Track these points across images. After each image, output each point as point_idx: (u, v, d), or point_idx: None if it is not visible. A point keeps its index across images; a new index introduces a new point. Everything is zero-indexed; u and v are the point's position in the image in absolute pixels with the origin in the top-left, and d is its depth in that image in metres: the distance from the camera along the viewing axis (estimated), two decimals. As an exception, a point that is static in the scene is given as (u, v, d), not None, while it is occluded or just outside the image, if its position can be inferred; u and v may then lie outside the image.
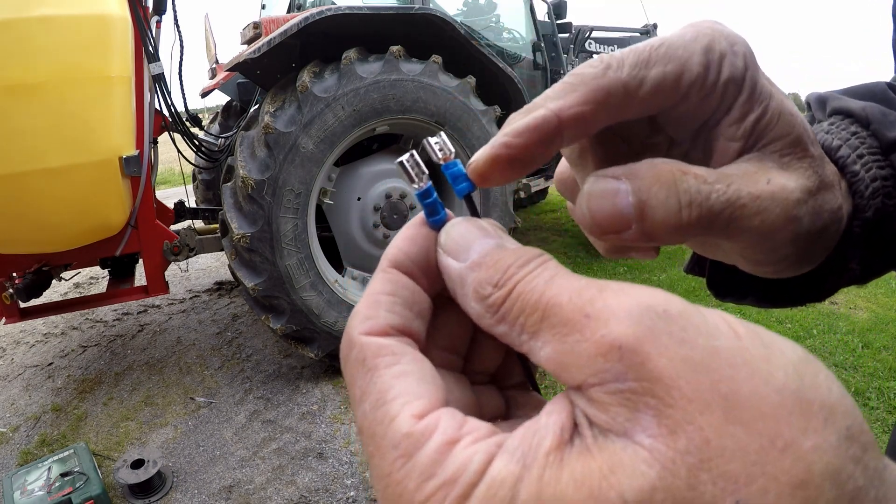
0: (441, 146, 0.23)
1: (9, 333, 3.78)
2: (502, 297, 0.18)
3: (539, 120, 0.22)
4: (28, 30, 1.99)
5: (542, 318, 0.17)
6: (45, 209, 2.21)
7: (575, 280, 0.17)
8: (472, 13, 4.27)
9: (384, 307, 0.20)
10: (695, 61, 0.24)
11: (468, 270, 0.20)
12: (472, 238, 0.21)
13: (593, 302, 0.16)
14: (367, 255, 3.09)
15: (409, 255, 0.22)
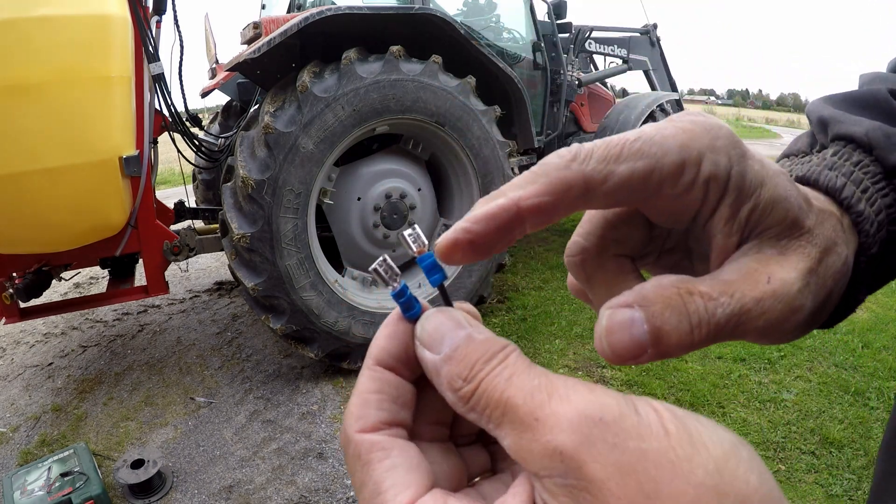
0: (415, 238, 0.25)
1: (9, 333, 3.78)
2: (470, 391, 0.21)
3: (498, 209, 0.24)
4: (28, 30, 1.98)
5: (503, 413, 0.20)
6: (45, 209, 2.21)
7: (529, 380, 0.20)
8: (472, 13, 4.27)
9: (373, 405, 0.23)
10: (668, 160, 0.24)
11: (441, 363, 0.22)
12: (444, 331, 0.23)
13: (542, 407, 0.19)
14: (367, 255, 3.09)
15: (389, 352, 0.25)
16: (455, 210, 3.34)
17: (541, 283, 4.24)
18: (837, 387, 2.69)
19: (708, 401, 2.61)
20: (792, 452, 2.25)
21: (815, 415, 2.48)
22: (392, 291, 0.25)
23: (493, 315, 3.67)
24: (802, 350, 3.08)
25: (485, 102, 3.16)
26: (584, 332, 3.37)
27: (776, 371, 2.87)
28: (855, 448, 2.25)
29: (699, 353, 3.07)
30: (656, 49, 5.70)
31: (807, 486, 2.06)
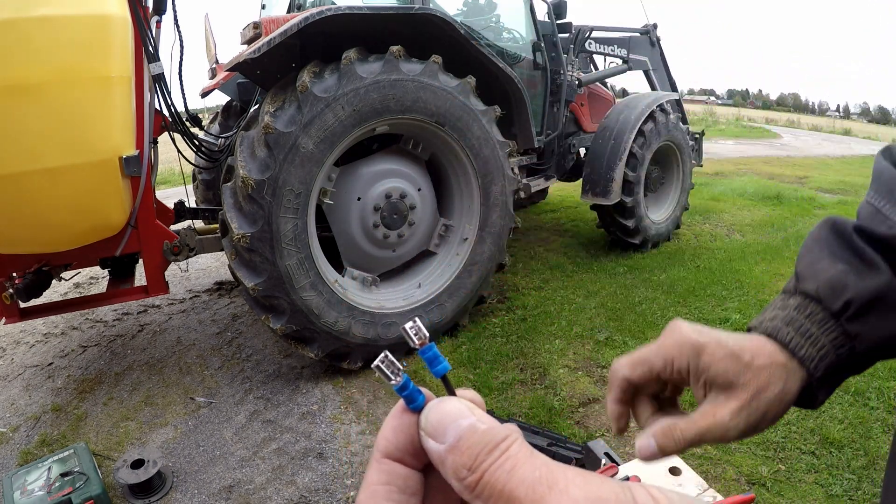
0: (416, 331, 0.27)
1: (9, 333, 3.78)
2: (475, 481, 0.22)
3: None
4: (28, 30, 1.98)
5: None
6: (45, 209, 2.21)
7: (530, 471, 0.22)
8: (472, 13, 4.27)
9: (381, 496, 0.26)
10: (657, 363, 0.52)
11: (446, 453, 0.24)
12: (447, 421, 0.25)
13: (543, 499, 0.20)
14: (367, 255, 3.09)
15: (395, 445, 0.26)
16: (455, 210, 3.35)
17: (541, 283, 4.24)
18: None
19: (708, 401, 2.61)
20: (792, 452, 2.25)
21: (815, 415, 2.48)
22: (395, 386, 0.26)
23: (493, 315, 3.67)
24: (802, 350, 3.08)
25: (485, 102, 3.16)
26: (584, 333, 3.37)
27: (776, 371, 2.87)
28: (855, 448, 2.25)
29: (699, 353, 3.06)
30: (656, 49, 5.70)
31: (807, 486, 2.06)
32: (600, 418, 2.55)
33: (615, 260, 4.66)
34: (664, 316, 3.51)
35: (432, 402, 0.26)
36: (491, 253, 3.34)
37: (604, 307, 3.73)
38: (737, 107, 59.51)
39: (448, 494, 0.27)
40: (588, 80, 4.99)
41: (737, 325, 3.37)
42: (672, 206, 5.10)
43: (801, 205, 6.70)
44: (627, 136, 4.35)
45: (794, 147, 15.20)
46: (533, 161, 4.51)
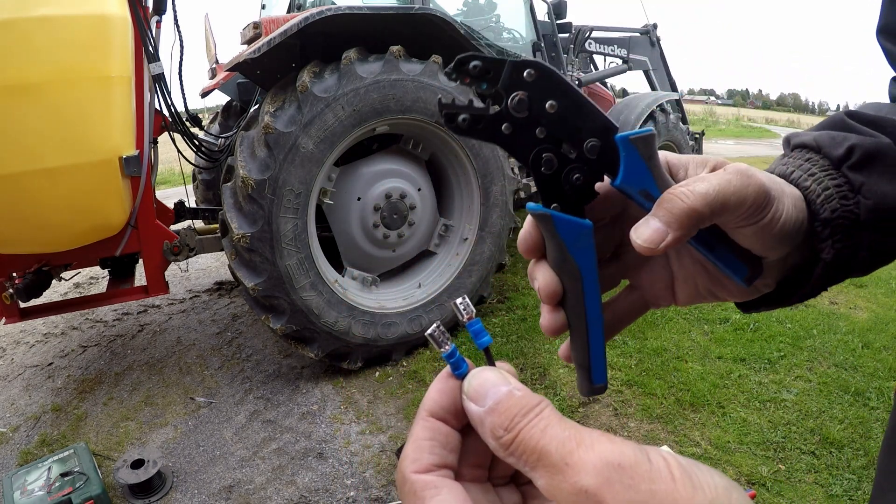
0: (465, 307, 0.30)
1: (9, 333, 3.78)
2: (510, 439, 0.25)
3: None
4: (28, 30, 1.98)
5: (538, 459, 0.24)
6: (45, 209, 2.21)
7: (560, 431, 0.24)
8: (472, 13, 4.26)
9: (426, 450, 0.28)
10: None
11: (486, 415, 0.27)
12: (488, 387, 0.27)
13: (571, 454, 0.23)
14: (367, 255, 3.09)
15: (440, 405, 0.29)
16: (455, 210, 3.35)
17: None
18: (837, 387, 2.69)
19: (708, 401, 2.61)
20: (792, 452, 2.25)
21: (815, 415, 2.48)
22: (444, 353, 0.29)
23: (493, 315, 3.67)
24: (802, 350, 3.08)
25: (485, 102, 3.16)
26: (584, 332, 3.38)
27: (776, 371, 2.87)
28: (855, 448, 2.25)
29: (699, 353, 3.07)
30: (656, 49, 5.70)
31: (807, 486, 2.06)
32: (600, 418, 2.55)
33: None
34: (664, 316, 3.51)
35: (475, 370, 0.29)
36: (491, 253, 3.34)
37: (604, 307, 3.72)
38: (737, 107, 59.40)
39: (481, 455, 0.30)
40: (588, 80, 4.99)
41: (737, 325, 3.37)
42: (672, 206, 5.09)
43: (801, 205, 6.69)
44: (627, 136, 4.35)
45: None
46: (533, 161, 4.51)
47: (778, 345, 3.12)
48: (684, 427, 2.44)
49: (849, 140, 0.43)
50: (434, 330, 0.29)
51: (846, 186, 0.42)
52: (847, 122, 0.46)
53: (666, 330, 3.34)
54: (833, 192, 0.42)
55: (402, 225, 3.08)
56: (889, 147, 0.43)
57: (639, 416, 2.53)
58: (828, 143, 0.44)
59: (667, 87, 5.75)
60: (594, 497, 0.22)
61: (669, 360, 3.01)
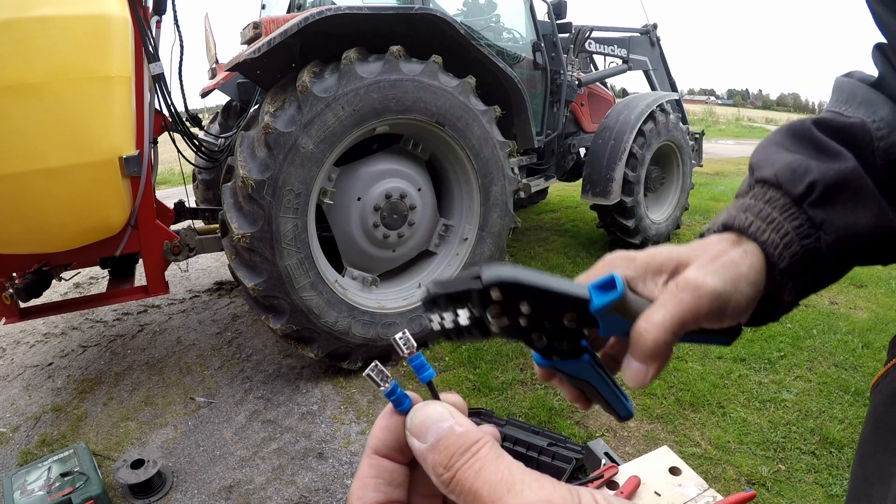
0: (406, 342, 0.31)
1: (9, 333, 3.78)
2: (449, 478, 0.26)
3: None
4: (28, 30, 1.98)
5: (473, 500, 0.24)
6: (45, 209, 2.21)
7: (494, 473, 0.25)
8: (472, 13, 4.26)
9: (370, 488, 0.28)
10: None
11: (427, 452, 0.27)
12: (429, 423, 0.28)
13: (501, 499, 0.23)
14: (367, 255, 3.09)
15: (384, 442, 0.29)
16: (455, 210, 3.35)
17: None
18: (837, 387, 2.69)
19: (708, 401, 2.61)
20: (792, 452, 2.25)
21: (815, 415, 2.48)
22: (384, 391, 0.30)
23: (493, 315, 3.66)
24: (802, 350, 3.08)
25: (485, 102, 3.16)
26: (584, 332, 3.38)
27: (776, 371, 2.87)
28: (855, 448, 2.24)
29: (699, 353, 3.07)
30: (656, 49, 5.70)
31: (807, 486, 2.06)
32: (600, 418, 2.55)
33: (615, 260, 4.65)
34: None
35: (417, 405, 0.29)
36: (491, 253, 3.34)
37: (604, 307, 3.72)
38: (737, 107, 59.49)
39: (431, 487, 0.30)
40: (588, 80, 4.99)
41: (737, 325, 3.37)
42: (672, 207, 5.10)
43: (801, 205, 6.69)
44: (627, 136, 4.35)
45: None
46: (533, 161, 4.51)
47: (778, 345, 3.12)
48: (684, 427, 2.44)
49: (809, 174, 0.43)
50: (372, 369, 0.30)
51: (807, 224, 0.42)
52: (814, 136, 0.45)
53: (666, 330, 3.33)
54: (793, 237, 0.42)
55: (402, 225, 3.08)
56: (853, 172, 0.43)
57: (639, 416, 2.53)
58: (788, 179, 0.44)
59: (667, 87, 5.75)
60: None
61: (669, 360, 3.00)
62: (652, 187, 4.94)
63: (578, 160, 5.00)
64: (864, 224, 0.43)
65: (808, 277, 0.43)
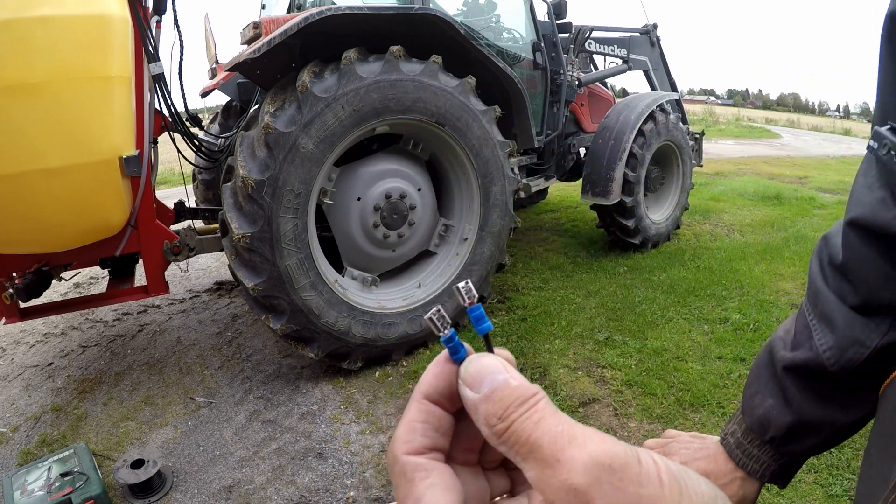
0: (468, 291, 0.30)
1: (9, 333, 3.78)
2: (503, 429, 0.25)
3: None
4: (28, 30, 1.98)
5: (530, 451, 0.24)
6: (45, 209, 2.21)
7: (554, 425, 0.24)
8: (472, 13, 4.26)
9: (418, 432, 0.28)
10: None
11: (480, 402, 0.26)
12: (485, 373, 0.27)
13: (563, 450, 0.23)
14: (367, 255, 3.09)
15: (436, 389, 0.29)
16: (455, 210, 3.34)
17: (541, 283, 4.24)
18: (837, 387, 2.69)
19: (708, 401, 2.61)
20: (792, 452, 2.24)
21: (815, 415, 2.48)
22: (443, 337, 0.29)
23: (493, 315, 3.67)
24: (802, 350, 3.07)
25: (485, 102, 3.16)
26: (584, 333, 3.37)
27: (776, 371, 2.87)
28: (855, 448, 2.25)
29: (699, 353, 3.07)
30: (656, 49, 5.70)
31: (807, 486, 2.06)
32: (601, 418, 2.55)
33: (615, 260, 4.66)
34: (664, 316, 3.51)
35: (473, 356, 0.29)
36: (491, 253, 3.34)
37: (604, 307, 3.73)
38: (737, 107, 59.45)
39: (473, 440, 0.30)
40: (588, 80, 4.99)
41: (737, 325, 3.37)
42: (672, 206, 5.10)
43: (801, 205, 6.70)
44: (627, 136, 4.35)
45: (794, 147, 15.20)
46: (533, 161, 4.51)
47: None
48: (684, 427, 2.44)
49: (770, 430, 0.68)
50: (434, 313, 0.30)
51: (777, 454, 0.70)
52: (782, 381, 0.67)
53: (666, 330, 3.34)
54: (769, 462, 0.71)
55: (402, 225, 3.08)
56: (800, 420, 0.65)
57: (639, 416, 2.53)
58: (757, 430, 0.70)
59: (667, 87, 5.75)
60: (583, 496, 0.22)
61: (669, 360, 3.01)
62: (652, 187, 4.94)
63: (578, 160, 5.00)
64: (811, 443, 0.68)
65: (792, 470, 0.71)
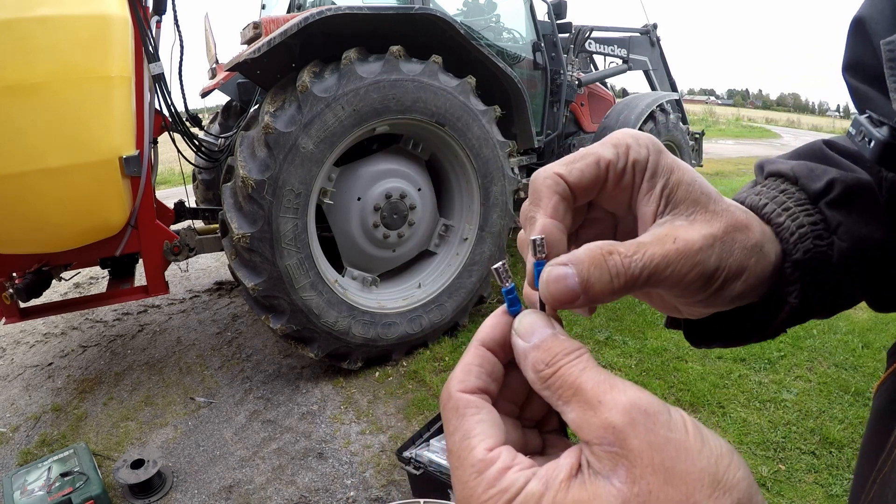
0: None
1: (9, 333, 3.78)
2: (550, 373, 0.27)
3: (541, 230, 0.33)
4: (28, 30, 1.98)
5: (573, 394, 0.26)
6: (45, 209, 2.21)
7: (597, 374, 0.26)
8: (472, 13, 4.26)
9: (474, 374, 0.30)
10: (607, 152, 0.34)
11: (530, 350, 0.29)
12: (536, 327, 0.30)
13: (605, 394, 0.25)
14: (367, 255, 3.09)
15: (492, 337, 0.32)
16: (455, 210, 3.34)
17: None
18: (837, 387, 2.69)
19: (708, 401, 2.61)
20: (792, 452, 2.25)
21: (815, 415, 2.48)
22: (504, 289, 0.32)
23: (493, 315, 3.67)
24: (802, 350, 3.08)
25: (485, 102, 3.16)
26: (584, 333, 3.38)
27: (776, 371, 2.87)
28: (855, 448, 2.25)
29: (699, 353, 3.07)
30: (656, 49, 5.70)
31: (807, 486, 2.06)
32: (600, 418, 2.55)
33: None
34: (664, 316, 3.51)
35: (527, 311, 0.32)
36: (491, 253, 3.34)
37: (604, 307, 3.73)
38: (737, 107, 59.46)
39: (517, 393, 0.33)
40: (588, 80, 4.99)
41: (737, 325, 3.37)
42: (672, 206, 5.10)
43: (801, 205, 6.69)
44: (627, 136, 4.35)
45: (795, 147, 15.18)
46: (533, 161, 4.51)
47: (778, 345, 3.11)
48: (684, 427, 2.44)
49: (829, 174, 0.40)
50: (500, 266, 0.32)
51: (822, 225, 0.39)
52: (826, 152, 0.44)
53: (666, 330, 3.33)
54: (808, 231, 0.38)
55: (402, 225, 3.08)
56: (869, 185, 0.40)
57: (639, 416, 2.53)
58: (805, 175, 0.41)
59: (667, 87, 5.75)
60: (620, 433, 0.24)
61: (669, 360, 3.01)
62: (652, 187, 4.93)
63: (578, 160, 4.99)
64: (877, 238, 0.40)
65: (815, 285, 0.39)
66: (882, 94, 0.41)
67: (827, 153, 0.44)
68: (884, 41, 0.38)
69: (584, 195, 0.34)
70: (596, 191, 0.34)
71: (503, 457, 0.26)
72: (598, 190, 0.34)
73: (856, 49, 0.44)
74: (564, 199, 0.33)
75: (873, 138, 0.40)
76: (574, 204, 0.34)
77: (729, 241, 0.34)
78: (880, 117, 0.41)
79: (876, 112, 0.42)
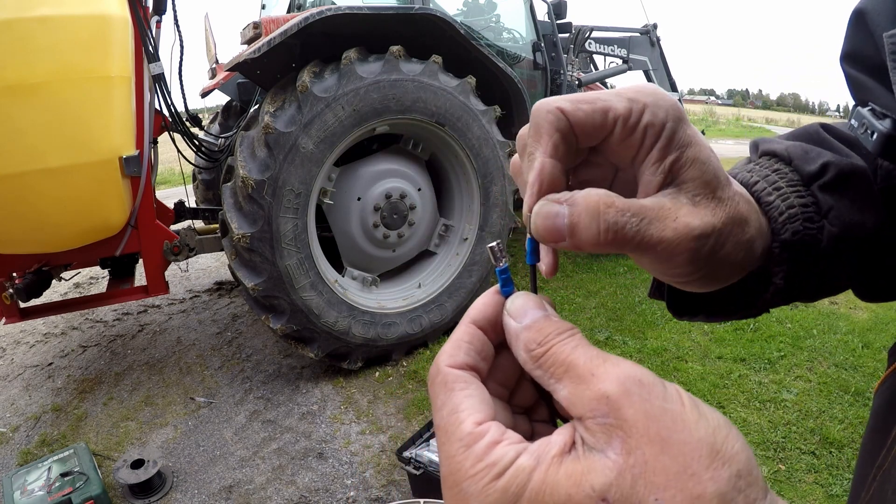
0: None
1: (9, 333, 3.78)
2: (541, 353, 0.27)
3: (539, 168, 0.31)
4: (28, 30, 1.98)
5: (565, 371, 0.26)
6: (45, 209, 2.21)
7: (589, 350, 0.26)
8: (472, 13, 4.26)
9: (463, 350, 0.30)
10: (619, 105, 0.31)
11: (522, 330, 0.29)
12: (528, 308, 0.30)
13: (598, 367, 0.25)
14: (367, 255, 3.09)
15: (483, 315, 0.31)
16: (455, 210, 3.34)
17: (540, 283, 4.22)
18: (837, 387, 2.69)
19: (708, 401, 2.61)
20: (792, 452, 2.25)
21: (815, 415, 2.48)
22: (498, 268, 0.32)
23: (493, 315, 3.67)
24: (802, 350, 3.08)
25: (485, 102, 3.16)
26: (584, 333, 3.35)
27: (776, 371, 2.87)
28: (855, 448, 2.25)
29: (699, 353, 3.07)
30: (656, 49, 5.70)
31: (807, 486, 2.06)
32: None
33: (615, 260, 4.66)
34: (664, 316, 3.51)
35: (519, 292, 0.31)
36: (491, 253, 3.34)
37: (604, 307, 3.73)
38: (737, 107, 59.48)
39: (507, 376, 0.32)
40: (588, 80, 4.99)
41: (737, 325, 3.37)
42: (672, 206, 5.10)
43: (801, 205, 6.70)
44: (627, 136, 4.35)
45: (794, 147, 15.19)
46: (533, 161, 4.51)
47: (778, 345, 3.11)
48: (684, 427, 2.44)
49: (823, 156, 0.40)
50: (496, 244, 0.32)
51: (813, 208, 0.38)
52: (823, 135, 0.43)
53: (666, 330, 3.34)
54: (798, 212, 0.38)
55: (402, 225, 3.08)
56: (863, 171, 0.40)
57: (639, 416, 2.53)
58: (800, 156, 0.40)
59: (667, 87, 5.75)
60: (614, 403, 0.23)
61: (670, 360, 3.01)
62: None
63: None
64: (869, 226, 0.39)
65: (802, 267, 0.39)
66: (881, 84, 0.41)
67: (823, 136, 0.44)
68: (887, 34, 0.38)
69: (585, 140, 0.32)
70: (598, 139, 0.32)
71: (492, 431, 0.25)
72: (602, 139, 0.32)
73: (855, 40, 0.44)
74: (565, 137, 0.31)
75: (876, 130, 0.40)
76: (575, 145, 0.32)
77: (725, 234, 0.34)
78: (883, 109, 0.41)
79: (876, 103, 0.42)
